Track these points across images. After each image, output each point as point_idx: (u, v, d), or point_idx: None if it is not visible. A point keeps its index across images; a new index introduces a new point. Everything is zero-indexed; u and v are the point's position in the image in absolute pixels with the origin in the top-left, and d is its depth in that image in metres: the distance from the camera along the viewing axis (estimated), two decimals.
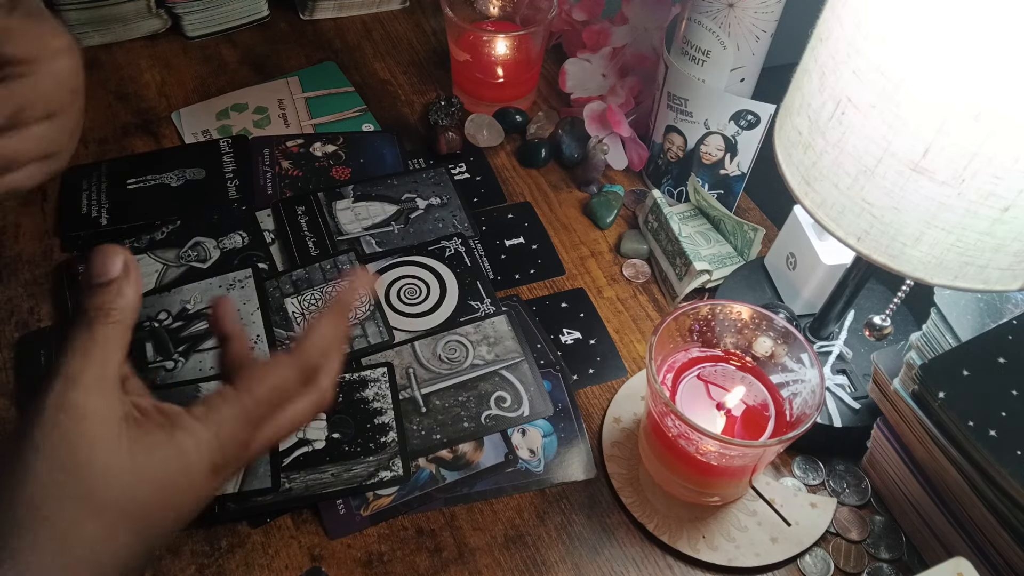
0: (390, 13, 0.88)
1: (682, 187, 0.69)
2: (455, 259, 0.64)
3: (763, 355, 0.50)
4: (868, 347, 0.56)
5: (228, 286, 0.60)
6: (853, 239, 0.40)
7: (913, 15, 0.33)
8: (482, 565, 0.49)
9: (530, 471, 0.53)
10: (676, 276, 0.63)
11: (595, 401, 0.58)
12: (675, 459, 0.49)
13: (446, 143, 0.72)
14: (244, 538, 0.50)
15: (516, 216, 0.69)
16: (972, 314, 0.48)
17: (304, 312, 0.59)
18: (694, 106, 0.63)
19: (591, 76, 0.75)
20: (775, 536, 0.50)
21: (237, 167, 0.70)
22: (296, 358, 0.38)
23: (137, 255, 0.62)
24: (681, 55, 0.62)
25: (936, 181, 0.35)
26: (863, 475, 0.54)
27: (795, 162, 0.42)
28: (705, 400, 0.50)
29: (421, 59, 0.83)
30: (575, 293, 0.64)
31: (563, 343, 0.60)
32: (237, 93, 0.77)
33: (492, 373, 0.57)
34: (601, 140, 0.70)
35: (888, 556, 0.51)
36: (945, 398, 0.43)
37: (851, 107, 0.37)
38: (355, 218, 0.66)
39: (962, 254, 0.38)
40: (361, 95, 0.78)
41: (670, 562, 0.50)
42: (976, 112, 0.33)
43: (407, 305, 0.61)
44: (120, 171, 0.68)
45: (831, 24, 0.38)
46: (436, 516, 0.51)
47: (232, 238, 0.64)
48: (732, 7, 0.58)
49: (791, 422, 0.48)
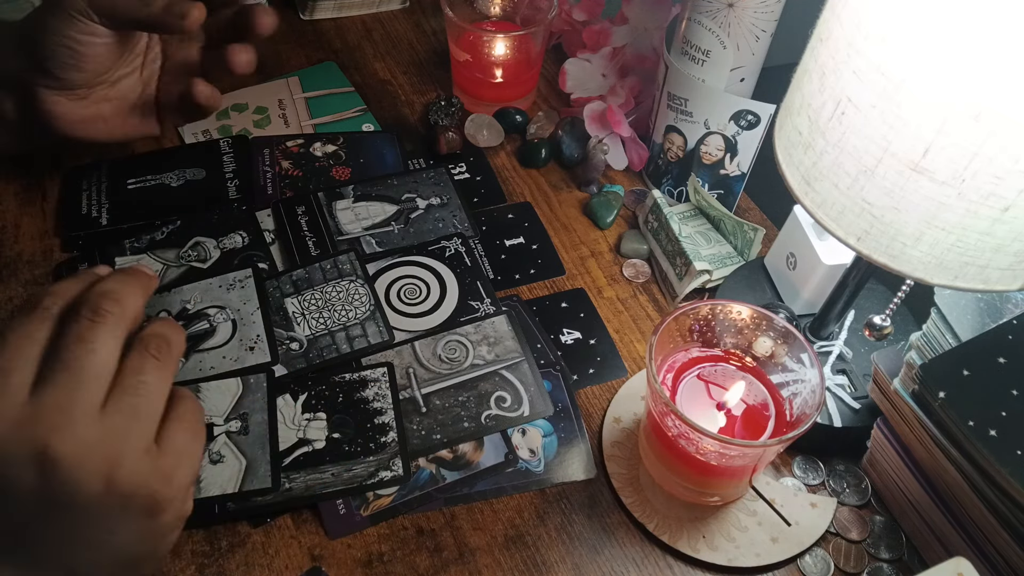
0: (390, 13, 0.88)
1: (682, 187, 0.69)
2: (455, 259, 0.64)
3: (763, 355, 0.50)
4: (868, 347, 0.56)
5: (228, 286, 0.60)
6: (853, 239, 0.40)
7: (913, 15, 0.33)
8: (482, 565, 0.49)
9: (530, 471, 0.53)
10: (676, 276, 0.63)
11: (595, 401, 0.58)
12: (675, 459, 0.49)
13: (446, 143, 0.72)
14: (244, 538, 0.50)
15: (516, 216, 0.69)
16: (972, 314, 0.48)
17: (304, 312, 0.59)
18: (694, 106, 0.63)
19: (591, 76, 0.75)
20: (775, 536, 0.50)
21: (237, 167, 0.70)
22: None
23: (137, 255, 0.62)
24: (681, 55, 0.62)
25: (936, 181, 0.36)
26: (863, 475, 0.54)
27: (795, 162, 0.42)
28: (705, 400, 0.50)
29: (421, 59, 0.83)
30: (575, 293, 0.64)
31: (563, 343, 0.60)
32: (237, 93, 0.77)
33: (492, 373, 0.57)
34: (601, 140, 0.70)
35: (888, 556, 0.51)
36: (945, 398, 0.43)
37: (851, 107, 0.37)
38: (355, 218, 0.66)
39: (962, 254, 0.38)
40: (361, 95, 0.78)
41: (670, 562, 0.50)
42: (976, 112, 0.33)
43: (407, 305, 0.61)
44: (120, 171, 0.68)
45: (831, 24, 0.38)
46: (436, 516, 0.51)
47: (232, 238, 0.64)
48: (732, 7, 0.58)
49: (791, 422, 0.48)
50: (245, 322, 0.57)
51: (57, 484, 0.36)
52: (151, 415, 0.39)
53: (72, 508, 0.37)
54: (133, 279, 0.41)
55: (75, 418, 0.36)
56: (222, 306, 0.58)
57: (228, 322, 0.57)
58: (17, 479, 0.35)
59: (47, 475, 0.35)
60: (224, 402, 0.53)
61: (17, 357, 0.37)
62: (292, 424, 0.53)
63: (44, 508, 0.36)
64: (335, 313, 0.59)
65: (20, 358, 0.37)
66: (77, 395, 0.36)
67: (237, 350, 0.56)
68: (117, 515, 0.38)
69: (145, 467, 0.38)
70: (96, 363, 0.37)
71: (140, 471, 0.37)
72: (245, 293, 0.59)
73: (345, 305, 0.59)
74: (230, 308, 0.58)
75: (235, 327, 0.57)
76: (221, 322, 0.57)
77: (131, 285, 0.40)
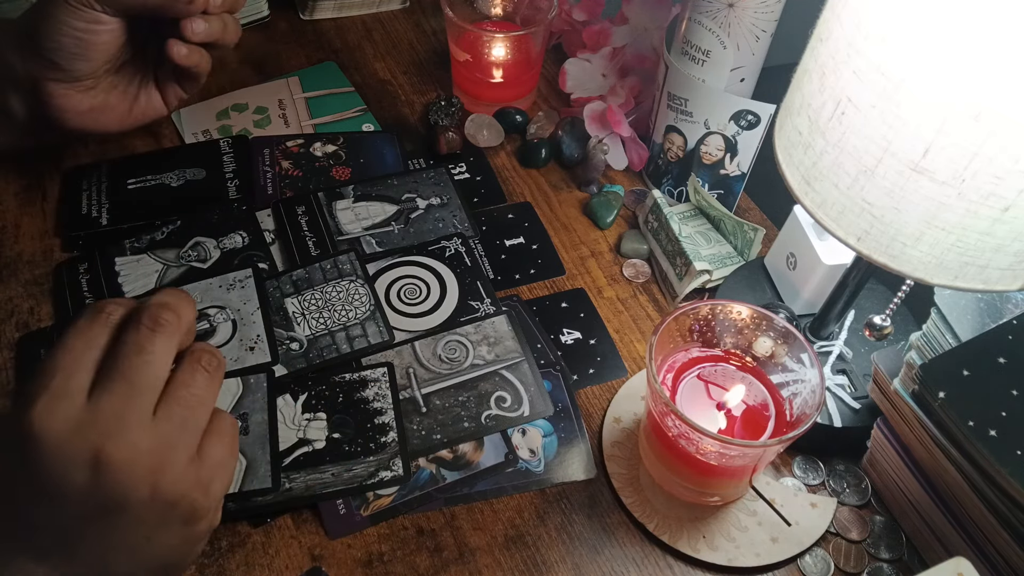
0: (390, 13, 0.88)
1: (682, 187, 0.69)
2: (455, 259, 0.64)
3: (763, 355, 0.50)
4: (868, 347, 0.56)
5: (228, 286, 0.60)
6: (853, 239, 0.40)
7: (913, 15, 0.33)
8: (482, 565, 0.49)
9: (530, 471, 0.53)
10: (676, 276, 0.63)
11: (595, 401, 0.58)
12: (675, 459, 0.49)
13: (446, 143, 0.72)
14: (244, 538, 0.50)
15: (516, 216, 0.69)
16: (972, 314, 0.48)
17: (304, 312, 0.59)
18: (694, 106, 0.63)
19: (591, 76, 0.75)
20: (775, 536, 0.50)
21: (237, 167, 0.70)
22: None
23: (137, 255, 0.62)
24: (681, 55, 0.62)
25: (936, 181, 0.36)
26: (863, 475, 0.54)
27: (795, 162, 0.42)
28: (705, 400, 0.50)
29: (421, 59, 0.83)
30: (575, 293, 0.64)
31: (563, 343, 0.60)
32: (237, 93, 0.77)
33: (492, 373, 0.57)
34: (601, 140, 0.70)
35: (888, 556, 0.51)
36: (945, 398, 0.43)
37: (851, 107, 0.37)
38: (355, 218, 0.66)
39: (962, 254, 0.38)
40: (361, 95, 0.78)
41: (670, 562, 0.50)
42: (976, 112, 0.33)
43: (407, 305, 0.61)
44: (120, 171, 0.68)
45: (831, 24, 0.38)
46: (436, 516, 0.51)
47: (232, 238, 0.64)
48: (732, 7, 0.58)
49: (791, 422, 0.48)
50: (245, 322, 0.57)
51: (107, 487, 0.37)
52: (197, 427, 0.41)
53: (117, 512, 0.38)
54: (186, 295, 0.43)
55: (129, 425, 0.37)
56: (222, 306, 0.58)
57: (228, 322, 0.57)
58: (71, 479, 0.37)
59: (99, 478, 0.37)
60: (224, 402, 0.53)
61: (79, 360, 0.38)
62: (292, 424, 0.53)
63: (91, 510, 0.38)
64: (335, 313, 0.59)
65: (82, 361, 0.38)
66: (132, 403, 0.38)
67: (237, 350, 0.56)
68: (157, 522, 0.39)
69: (188, 477, 0.39)
70: (151, 373, 0.39)
71: (183, 480, 0.39)
72: (245, 293, 0.59)
73: (345, 305, 0.59)
74: (230, 308, 0.58)
75: (235, 327, 0.57)
76: (221, 322, 0.57)
77: (186, 299, 0.42)
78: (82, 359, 0.38)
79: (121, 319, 0.40)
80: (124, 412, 0.37)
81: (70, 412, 0.37)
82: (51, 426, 0.36)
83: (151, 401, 0.39)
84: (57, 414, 0.36)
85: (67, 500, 0.37)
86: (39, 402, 0.37)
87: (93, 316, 0.40)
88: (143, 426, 0.38)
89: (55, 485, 0.37)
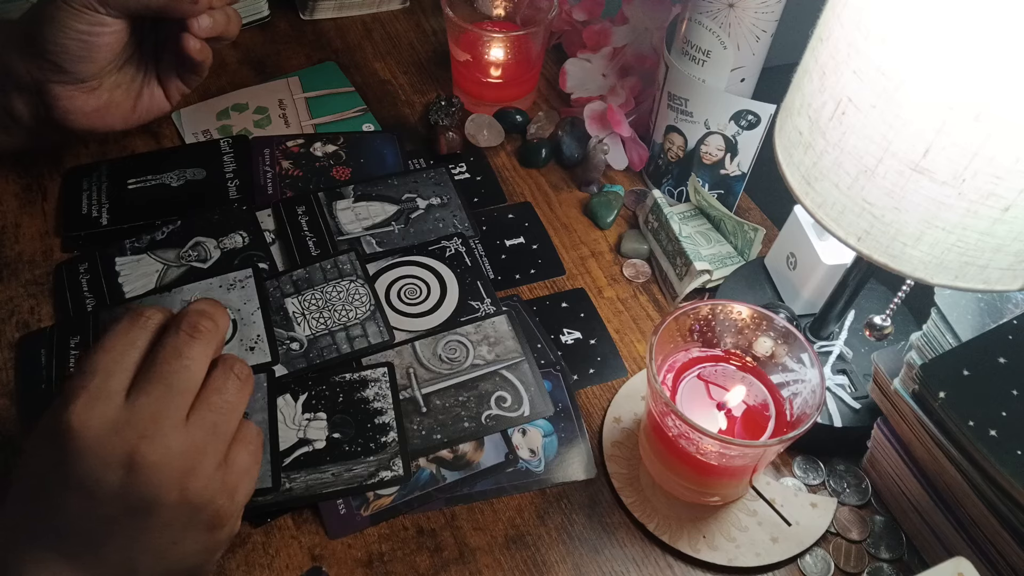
0: (390, 13, 0.88)
1: (682, 187, 0.69)
2: (455, 259, 0.64)
3: (763, 355, 0.50)
4: (868, 347, 0.56)
5: (228, 286, 0.60)
6: (853, 239, 0.40)
7: (913, 15, 0.33)
8: (482, 565, 0.49)
9: (530, 471, 0.53)
10: (676, 276, 0.63)
11: (595, 401, 0.58)
12: (675, 459, 0.49)
13: (446, 143, 0.72)
14: (244, 538, 0.50)
15: (516, 216, 0.69)
16: (972, 314, 0.48)
17: (304, 312, 0.59)
18: (694, 106, 0.63)
19: (591, 76, 0.75)
20: (775, 536, 0.50)
21: (237, 167, 0.70)
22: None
23: (137, 255, 0.62)
24: (681, 55, 0.62)
25: (936, 181, 0.36)
26: (863, 475, 0.54)
27: (795, 162, 0.42)
28: (705, 400, 0.50)
29: (421, 59, 0.83)
30: (575, 293, 0.64)
31: (563, 343, 0.60)
32: (237, 93, 0.77)
33: (492, 373, 0.57)
34: (601, 140, 0.70)
35: (888, 556, 0.51)
36: (945, 398, 0.43)
37: (851, 107, 0.37)
38: (355, 218, 0.66)
39: (962, 254, 0.38)
40: (361, 95, 0.78)
41: (670, 562, 0.50)
42: (976, 112, 0.33)
43: (407, 305, 0.61)
44: (120, 171, 0.68)
45: (831, 24, 0.38)
46: (436, 516, 0.51)
47: (232, 238, 0.64)
48: (732, 7, 0.58)
49: (791, 422, 0.48)
50: (245, 322, 0.57)
51: (139, 488, 0.37)
52: (227, 433, 0.41)
53: (146, 514, 0.38)
54: (221, 305, 0.44)
55: (164, 428, 0.38)
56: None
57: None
58: (105, 479, 0.37)
59: (131, 479, 0.37)
60: None
61: (119, 361, 0.39)
62: (292, 424, 0.53)
63: (121, 510, 0.38)
64: (335, 313, 0.59)
65: (121, 363, 0.39)
66: (168, 406, 0.38)
67: (237, 350, 0.56)
68: (183, 525, 0.39)
69: (216, 482, 0.40)
70: (188, 378, 0.40)
71: (211, 485, 0.39)
72: (245, 293, 0.59)
73: (345, 305, 0.59)
74: (230, 308, 0.58)
75: (235, 327, 0.57)
76: None
77: (222, 309, 0.43)
78: (122, 361, 0.39)
79: (159, 324, 0.41)
80: (160, 414, 0.38)
81: (108, 412, 0.37)
82: (89, 424, 0.37)
83: (186, 405, 0.39)
84: (95, 413, 0.37)
85: (99, 501, 0.37)
86: (78, 401, 0.37)
87: (133, 319, 0.41)
88: (177, 429, 0.38)
89: (89, 484, 0.37)
